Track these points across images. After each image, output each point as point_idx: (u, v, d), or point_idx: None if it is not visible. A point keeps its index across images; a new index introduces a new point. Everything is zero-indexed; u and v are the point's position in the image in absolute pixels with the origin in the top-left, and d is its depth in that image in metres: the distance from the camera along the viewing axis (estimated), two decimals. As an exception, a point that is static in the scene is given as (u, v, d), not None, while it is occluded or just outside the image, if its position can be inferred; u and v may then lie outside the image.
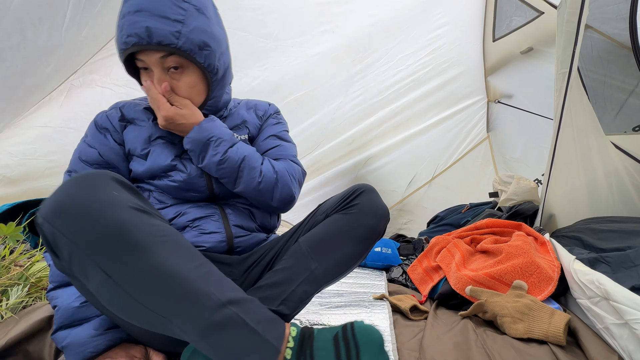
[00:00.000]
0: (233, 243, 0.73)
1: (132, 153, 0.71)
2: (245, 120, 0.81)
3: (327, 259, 0.65)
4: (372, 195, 0.71)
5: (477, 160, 2.54)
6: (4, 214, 1.34)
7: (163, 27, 0.60)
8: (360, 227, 0.68)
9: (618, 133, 1.44)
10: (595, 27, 1.50)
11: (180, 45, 0.61)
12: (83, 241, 0.44)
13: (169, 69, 0.65)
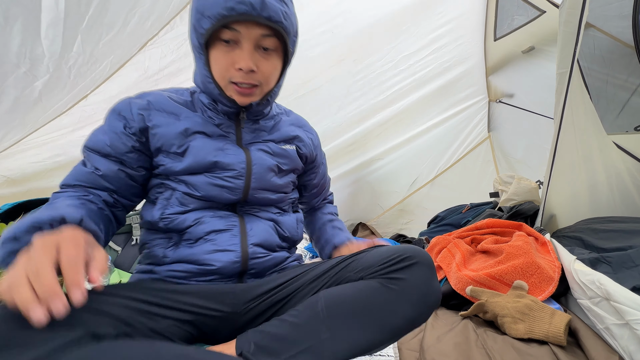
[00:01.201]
0: (247, 265, 0.64)
1: (163, 149, 0.64)
2: (297, 136, 0.77)
3: (343, 336, 0.52)
4: (425, 271, 0.55)
5: (478, 160, 2.53)
6: (4, 214, 1.35)
7: (275, 3, 0.57)
8: (398, 313, 0.53)
9: (620, 133, 1.43)
10: (598, 25, 1.49)
11: (285, 25, 0.59)
12: None
13: (258, 47, 0.60)
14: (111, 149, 0.63)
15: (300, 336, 0.51)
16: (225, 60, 0.59)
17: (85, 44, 1.10)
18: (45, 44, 1.02)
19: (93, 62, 1.19)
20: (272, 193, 0.71)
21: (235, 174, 0.65)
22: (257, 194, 0.68)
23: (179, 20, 1.29)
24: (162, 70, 1.45)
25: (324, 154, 0.89)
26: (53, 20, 0.97)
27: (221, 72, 0.61)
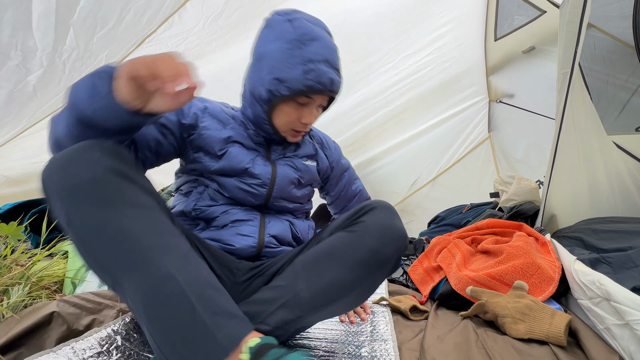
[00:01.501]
0: (262, 252, 0.75)
1: (204, 148, 0.74)
2: (316, 151, 0.90)
3: (317, 281, 0.58)
4: (383, 212, 0.63)
5: (479, 161, 2.53)
6: (5, 214, 1.35)
7: (337, 79, 0.75)
8: (359, 247, 0.59)
9: (620, 133, 1.43)
10: (599, 25, 1.49)
11: (338, 92, 0.77)
12: (59, 190, 0.48)
13: (319, 108, 0.79)
14: (160, 121, 0.71)
15: (280, 294, 0.58)
16: (294, 114, 0.75)
17: (79, 37, 1.09)
18: (37, 36, 1.00)
19: (88, 56, 1.18)
20: (289, 203, 0.82)
21: (261, 182, 0.77)
22: (277, 202, 0.80)
23: (177, 18, 1.29)
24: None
25: (345, 168, 0.98)
26: (44, 11, 0.96)
27: (288, 122, 0.76)
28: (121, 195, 0.49)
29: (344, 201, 1.01)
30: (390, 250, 0.61)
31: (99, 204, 0.47)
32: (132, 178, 0.51)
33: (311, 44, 0.69)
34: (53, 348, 0.68)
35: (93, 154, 0.49)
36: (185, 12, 1.28)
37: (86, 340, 0.74)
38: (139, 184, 0.52)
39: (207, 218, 0.75)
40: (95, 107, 0.50)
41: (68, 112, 0.53)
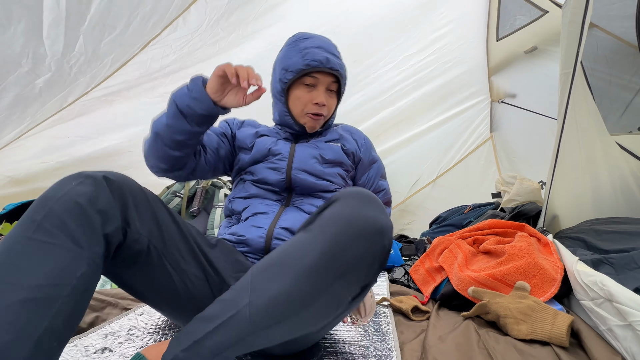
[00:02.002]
0: (271, 243, 0.76)
1: (242, 147, 0.90)
2: (341, 135, 0.95)
3: (261, 295, 0.48)
4: (348, 201, 0.51)
5: (480, 161, 2.52)
6: (9, 214, 1.36)
7: (334, 59, 0.86)
8: (309, 251, 0.48)
9: (623, 133, 1.43)
10: (601, 25, 1.49)
11: (342, 73, 0.88)
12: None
13: (327, 90, 0.88)
14: (217, 129, 0.91)
15: (222, 310, 0.51)
16: (306, 97, 0.86)
17: (88, 44, 1.12)
18: (47, 44, 1.03)
19: (94, 60, 1.20)
20: (315, 178, 0.85)
21: (281, 157, 0.86)
22: (300, 175, 0.84)
23: (182, 21, 1.30)
24: (164, 68, 1.45)
25: (375, 160, 1.01)
26: (54, 20, 0.98)
27: (301, 105, 0.86)
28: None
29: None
30: (354, 254, 0.47)
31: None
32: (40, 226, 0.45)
33: (306, 40, 0.86)
34: (57, 346, 0.68)
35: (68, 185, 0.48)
36: (189, 15, 1.29)
37: (90, 337, 0.75)
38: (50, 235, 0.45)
39: (236, 212, 0.84)
40: (191, 96, 0.70)
41: (169, 107, 0.72)
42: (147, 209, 0.56)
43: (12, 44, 0.98)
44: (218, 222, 1.68)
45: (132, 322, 0.84)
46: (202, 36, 1.40)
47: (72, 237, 0.45)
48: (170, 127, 0.72)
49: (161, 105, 1.65)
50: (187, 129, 0.72)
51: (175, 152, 0.75)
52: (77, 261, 0.44)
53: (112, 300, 0.92)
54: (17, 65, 1.04)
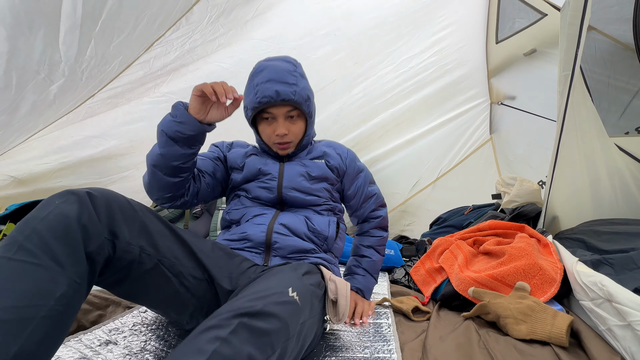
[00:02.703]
0: (271, 237, 0.84)
1: (233, 167, 0.96)
2: (324, 152, 1.01)
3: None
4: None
5: (480, 162, 2.53)
6: (12, 214, 1.37)
7: (286, 89, 0.86)
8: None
9: (622, 135, 1.44)
10: (599, 28, 1.50)
11: (296, 99, 0.87)
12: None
13: (287, 117, 0.90)
14: (210, 154, 0.98)
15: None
16: (268, 130, 0.90)
17: (98, 47, 1.14)
18: (62, 50, 1.05)
19: (104, 63, 1.21)
20: (304, 194, 0.92)
21: (271, 177, 0.92)
22: (290, 192, 0.91)
23: (185, 21, 1.32)
24: (166, 66, 1.46)
25: (360, 169, 1.06)
26: (71, 27, 1.00)
27: (267, 137, 0.92)
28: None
29: (360, 200, 1.04)
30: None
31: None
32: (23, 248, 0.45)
33: (259, 74, 0.88)
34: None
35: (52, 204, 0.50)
36: (192, 15, 1.31)
37: (94, 333, 0.75)
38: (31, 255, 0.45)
39: (235, 219, 0.90)
40: (177, 122, 0.75)
41: (159, 137, 0.77)
42: (135, 220, 0.58)
43: (32, 53, 1.00)
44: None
45: (136, 319, 0.84)
46: (202, 32, 1.41)
47: (52, 255, 0.45)
48: (165, 155, 0.76)
49: (162, 105, 1.66)
50: (181, 152, 0.77)
51: (174, 178, 0.80)
52: (56, 281, 0.44)
53: (116, 299, 0.92)
54: (36, 73, 1.06)
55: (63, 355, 0.65)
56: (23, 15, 0.90)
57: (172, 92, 1.63)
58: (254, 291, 0.55)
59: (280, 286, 0.57)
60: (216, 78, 1.78)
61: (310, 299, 0.62)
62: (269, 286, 0.57)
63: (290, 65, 0.90)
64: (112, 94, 1.43)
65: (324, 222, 0.90)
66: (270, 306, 0.50)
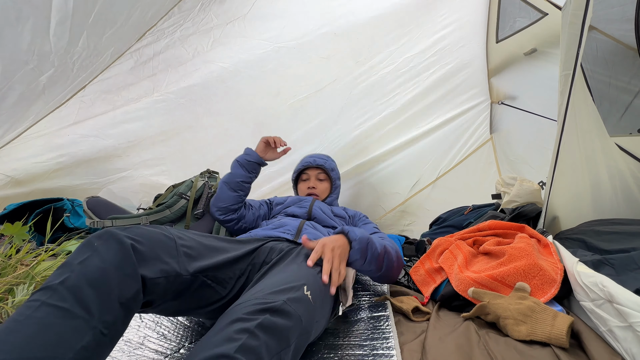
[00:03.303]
0: (302, 228, 1.17)
1: (277, 203, 1.48)
2: (344, 207, 1.49)
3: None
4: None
5: (480, 162, 2.52)
6: (10, 214, 1.36)
7: (319, 160, 1.58)
8: None
9: (623, 135, 1.43)
10: (600, 28, 1.49)
11: (326, 166, 1.56)
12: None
13: (317, 178, 1.55)
14: (260, 201, 1.49)
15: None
16: (303, 186, 1.57)
17: (90, 39, 1.13)
18: (53, 41, 1.04)
19: (95, 54, 1.21)
20: (327, 216, 1.34)
21: (306, 200, 1.41)
22: (317, 211, 1.35)
23: (177, 10, 1.32)
24: (157, 55, 1.46)
25: (370, 222, 1.41)
26: (62, 18, 0.99)
27: (302, 192, 1.57)
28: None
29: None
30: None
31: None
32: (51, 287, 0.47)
33: (304, 158, 1.63)
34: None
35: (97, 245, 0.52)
36: (184, 3, 1.30)
37: None
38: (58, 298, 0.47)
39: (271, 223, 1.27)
40: (247, 155, 1.34)
41: (233, 165, 1.35)
42: (177, 251, 0.64)
43: (20, 42, 0.99)
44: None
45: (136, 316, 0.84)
46: (194, 20, 1.41)
47: (82, 303, 0.45)
48: (233, 174, 1.33)
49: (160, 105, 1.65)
50: (243, 173, 1.32)
51: (234, 192, 1.32)
52: (81, 331, 0.44)
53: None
54: (24, 63, 1.05)
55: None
56: (10, 4, 0.89)
57: (171, 91, 1.63)
58: (275, 282, 0.64)
59: (298, 279, 0.66)
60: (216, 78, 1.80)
61: (322, 297, 0.70)
62: (288, 279, 0.66)
63: (323, 155, 1.63)
64: (105, 87, 1.42)
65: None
66: (290, 304, 0.57)
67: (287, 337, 0.54)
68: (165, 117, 1.70)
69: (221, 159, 2.02)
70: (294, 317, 0.56)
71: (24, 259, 0.93)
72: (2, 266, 0.86)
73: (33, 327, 0.42)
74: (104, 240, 0.51)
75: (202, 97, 1.74)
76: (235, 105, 1.86)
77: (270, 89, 1.86)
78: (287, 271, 0.73)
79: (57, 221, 1.42)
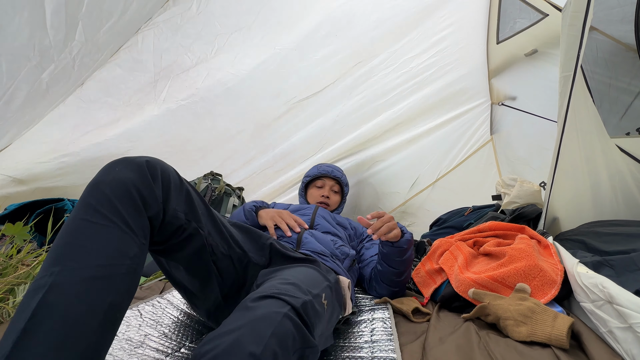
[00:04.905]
0: (302, 238, 1.09)
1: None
2: (348, 218, 1.42)
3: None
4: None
5: (481, 163, 2.53)
6: (11, 214, 1.37)
7: (337, 172, 1.63)
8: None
9: (623, 136, 1.43)
10: (601, 28, 1.49)
11: (342, 180, 1.62)
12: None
13: (332, 190, 1.58)
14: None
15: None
16: (317, 192, 1.56)
17: (87, 31, 1.10)
18: (51, 34, 1.02)
19: (95, 51, 1.19)
20: (329, 224, 1.27)
21: (309, 208, 1.37)
22: (319, 218, 1.28)
23: (172, 2, 1.31)
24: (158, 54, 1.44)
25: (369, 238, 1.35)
26: (56, 7, 0.97)
27: (313, 198, 1.56)
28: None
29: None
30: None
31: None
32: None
33: (321, 166, 1.64)
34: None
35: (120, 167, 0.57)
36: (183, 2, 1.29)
37: None
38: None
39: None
40: (247, 217, 1.23)
41: (244, 213, 1.26)
42: (182, 190, 0.65)
43: (19, 36, 0.97)
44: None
45: (135, 313, 0.84)
46: (194, 21, 1.39)
47: (124, 221, 0.52)
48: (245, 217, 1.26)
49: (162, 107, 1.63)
50: (244, 220, 1.24)
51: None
52: (129, 243, 0.52)
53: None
54: (26, 59, 1.03)
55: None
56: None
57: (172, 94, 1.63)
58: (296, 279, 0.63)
59: (318, 288, 0.65)
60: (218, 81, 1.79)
61: (331, 311, 0.70)
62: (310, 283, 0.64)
63: (337, 168, 1.66)
64: (104, 86, 1.41)
65: (346, 246, 1.16)
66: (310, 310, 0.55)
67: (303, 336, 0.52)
68: (166, 119, 1.70)
69: (223, 161, 2.03)
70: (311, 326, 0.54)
71: (25, 259, 0.93)
72: (3, 266, 0.86)
73: (93, 240, 0.49)
74: (124, 164, 0.57)
75: (204, 99, 1.74)
76: (237, 106, 1.86)
77: (271, 90, 1.86)
78: (307, 273, 0.72)
79: (58, 221, 1.42)
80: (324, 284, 0.70)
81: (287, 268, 0.76)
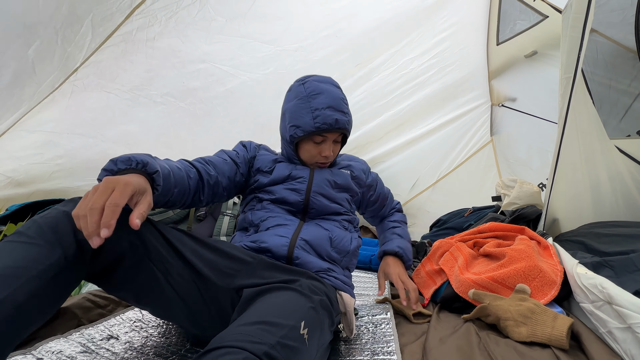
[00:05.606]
0: (293, 251, 0.82)
1: (260, 169, 0.96)
2: (350, 165, 1.07)
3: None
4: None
5: (481, 164, 2.53)
6: (12, 214, 1.37)
7: (343, 118, 0.93)
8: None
9: (623, 137, 1.44)
10: (601, 31, 1.50)
11: (348, 129, 0.97)
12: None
13: (335, 141, 0.97)
14: (234, 153, 0.96)
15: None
16: (315, 150, 0.94)
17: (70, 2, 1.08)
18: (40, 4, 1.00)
19: (75, 21, 1.14)
20: (328, 201, 0.94)
21: (302, 180, 0.93)
22: (316, 198, 0.92)
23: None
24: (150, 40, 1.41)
25: (375, 177, 1.15)
26: None
27: (311, 157, 0.96)
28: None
29: (382, 203, 1.16)
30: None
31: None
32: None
33: (317, 97, 0.91)
34: (64, 334, 0.70)
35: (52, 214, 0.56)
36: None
37: (95, 327, 0.76)
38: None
39: (254, 223, 0.89)
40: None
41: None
42: (125, 217, 0.55)
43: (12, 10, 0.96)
44: (225, 229, 1.69)
45: (137, 315, 0.85)
46: (189, 9, 1.37)
47: (46, 239, 0.51)
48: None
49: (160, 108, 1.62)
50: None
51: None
52: (47, 254, 0.50)
53: (116, 299, 0.93)
54: (17, 36, 1.02)
55: (65, 349, 0.66)
56: None
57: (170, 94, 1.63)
58: (271, 314, 0.56)
59: (295, 318, 0.57)
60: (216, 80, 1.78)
61: (319, 334, 0.62)
62: (284, 315, 0.57)
63: (341, 92, 0.99)
64: (98, 70, 1.38)
65: (346, 238, 0.93)
66: (279, 352, 0.49)
67: None
68: (164, 120, 1.70)
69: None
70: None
71: (26, 259, 0.93)
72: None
73: (7, 251, 0.49)
74: (65, 202, 0.58)
75: (202, 100, 1.74)
76: (236, 107, 1.86)
77: (271, 90, 1.87)
78: (286, 306, 0.62)
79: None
80: (305, 307, 0.63)
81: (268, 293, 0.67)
